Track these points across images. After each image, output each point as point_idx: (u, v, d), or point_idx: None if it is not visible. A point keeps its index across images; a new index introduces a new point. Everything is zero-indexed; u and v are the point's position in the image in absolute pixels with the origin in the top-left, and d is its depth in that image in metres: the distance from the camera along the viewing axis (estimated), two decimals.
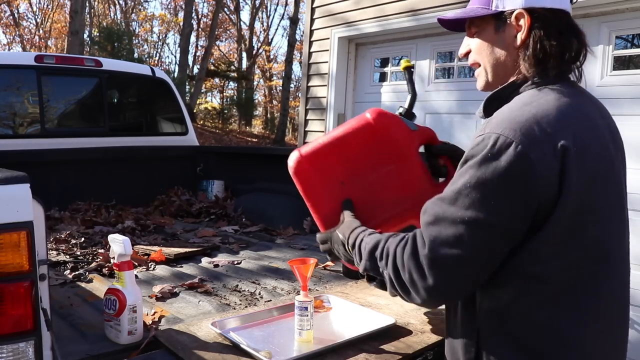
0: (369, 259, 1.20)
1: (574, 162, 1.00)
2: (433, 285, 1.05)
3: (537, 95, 1.10)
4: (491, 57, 1.21)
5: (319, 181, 1.46)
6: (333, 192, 1.46)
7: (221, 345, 1.45)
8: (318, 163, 1.46)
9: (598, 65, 3.44)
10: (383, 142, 1.44)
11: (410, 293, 1.10)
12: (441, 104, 4.46)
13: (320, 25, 5.30)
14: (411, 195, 1.44)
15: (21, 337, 1.20)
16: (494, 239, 1.02)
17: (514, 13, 1.15)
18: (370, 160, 1.45)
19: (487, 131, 1.04)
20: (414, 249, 1.08)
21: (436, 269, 1.05)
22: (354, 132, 1.44)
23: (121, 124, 4.37)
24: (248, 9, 29.13)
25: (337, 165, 1.45)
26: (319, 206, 1.48)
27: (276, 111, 26.94)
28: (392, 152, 1.44)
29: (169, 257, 2.45)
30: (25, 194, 1.19)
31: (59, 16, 26.02)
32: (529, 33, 1.14)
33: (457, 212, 1.03)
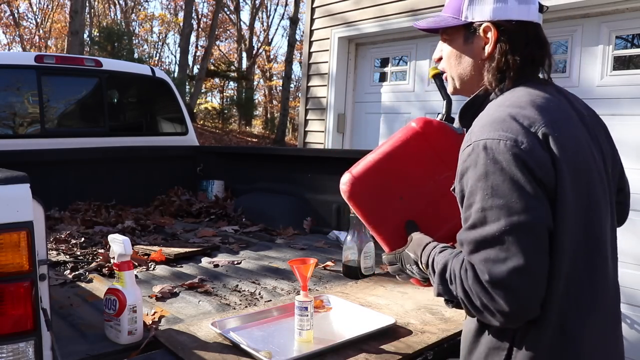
0: (440, 282, 1.14)
1: (559, 149, 1.03)
2: (506, 307, 1.01)
3: (508, 95, 1.14)
4: (458, 66, 1.25)
5: (376, 200, 1.41)
6: (393, 209, 1.40)
7: (221, 345, 1.45)
8: (372, 182, 1.40)
9: (598, 65, 3.44)
10: (434, 150, 1.41)
11: (487, 317, 1.06)
12: (441, 103, 4.45)
13: (320, 25, 5.30)
14: None
15: (21, 337, 1.20)
16: (537, 235, 1.01)
17: (482, 26, 1.17)
18: (424, 170, 1.42)
19: (474, 140, 1.06)
20: (474, 273, 1.04)
21: (501, 289, 1.00)
22: (403, 143, 1.41)
23: (121, 124, 4.37)
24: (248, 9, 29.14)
25: (392, 180, 1.41)
26: (381, 226, 1.41)
27: (276, 111, 26.93)
28: (445, 158, 1.40)
29: (169, 257, 2.45)
30: (25, 194, 1.19)
31: (59, 16, 26.02)
32: (495, 46, 1.17)
33: (492, 228, 1.01)
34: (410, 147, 1.41)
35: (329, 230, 3.01)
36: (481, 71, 1.20)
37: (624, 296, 3.57)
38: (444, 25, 1.23)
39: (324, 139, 5.22)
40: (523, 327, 1.07)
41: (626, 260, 3.10)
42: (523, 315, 1.04)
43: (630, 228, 3.18)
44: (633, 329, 3.17)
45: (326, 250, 2.69)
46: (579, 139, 1.09)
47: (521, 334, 1.08)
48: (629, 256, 3.06)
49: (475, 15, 1.18)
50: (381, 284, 2.07)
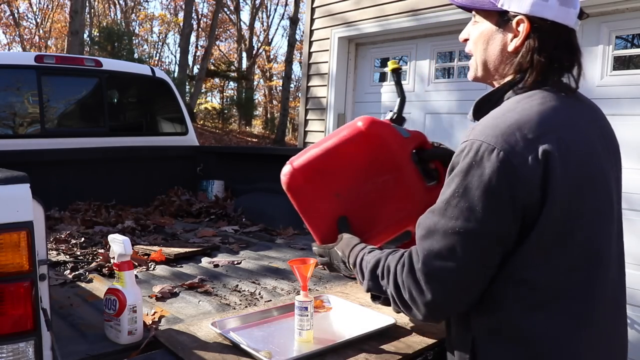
0: (371, 278, 1.21)
1: (558, 167, 1.00)
2: (431, 299, 1.06)
3: (521, 101, 1.11)
4: (484, 52, 1.21)
5: (313, 194, 1.42)
6: (328, 204, 1.42)
7: (221, 345, 1.45)
8: (311, 176, 1.41)
9: (598, 65, 3.44)
10: (377, 152, 1.41)
11: (412, 309, 1.11)
12: (441, 104, 4.46)
13: (320, 25, 5.30)
14: (407, 203, 1.42)
15: (21, 337, 1.20)
16: (485, 247, 1.03)
17: (516, 17, 1.14)
18: (364, 171, 1.42)
19: (471, 138, 1.06)
20: (410, 265, 1.09)
21: (432, 282, 1.06)
22: (347, 141, 1.40)
23: (121, 124, 4.37)
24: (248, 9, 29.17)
25: (331, 177, 1.41)
26: (315, 220, 1.45)
27: (276, 111, 26.94)
28: (386, 161, 1.41)
29: (169, 257, 2.45)
30: (25, 194, 1.19)
31: (59, 16, 26.03)
32: (523, 41, 1.13)
33: (447, 224, 1.04)
34: (352, 146, 1.40)
35: None
36: (504, 63, 1.18)
37: None
38: (478, 6, 1.19)
39: None
40: (481, 334, 1.09)
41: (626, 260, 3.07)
42: (445, 309, 1.12)
43: (630, 228, 3.18)
44: (633, 329, 3.17)
45: None
46: (587, 153, 1.07)
47: (481, 344, 1.09)
48: (629, 256, 3.04)
49: (512, 5, 1.14)
50: None
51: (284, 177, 1.43)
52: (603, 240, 1.09)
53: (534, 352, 1.05)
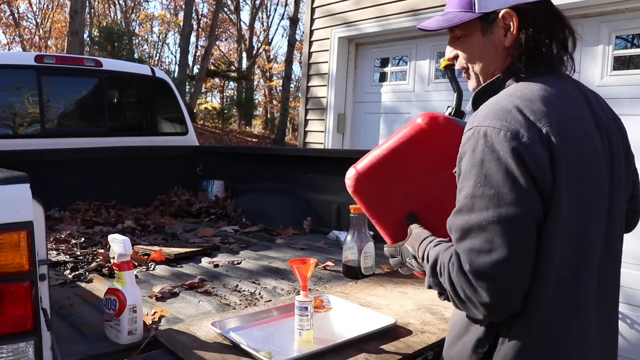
0: (431, 274, 1.14)
1: (561, 150, 1.01)
2: (488, 299, 1.00)
3: (522, 85, 1.11)
4: (482, 60, 1.20)
5: (380, 196, 1.41)
6: (397, 204, 1.41)
7: (221, 345, 1.45)
8: (376, 177, 1.41)
9: (598, 65, 3.44)
10: (439, 146, 1.39)
11: (471, 309, 1.06)
12: (441, 104, 4.46)
13: (320, 25, 5.30)
14: None
15: (21, 337, 1.20)
16: (523, 229, 1.00)
17: (500, 13, 1.13)
18: (429, 167, 1.41)
19: (475, 124, 1.05)
20: (459, 265, 1.04)
21: (483, 281, 1.00)
22: (408, 140, 1.40)
23: (121, 124, 4.37)
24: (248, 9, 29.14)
25: (396, 176, 1.41)
26: (384, 221, 1.42)
27: (276, 111, 26.92)
28: (450, 154, 1.36)
29: (169, 257, 2.45)
30: (25, 194, 1.19)
31: (59, 16, 26.02)
32: (518, 31, 1.13)
33: (479, 217, 1.01)
34: (414, 143, 1.39)
35: (329, 230, 3.01)
36: (505, 59, 1.17)
37: (623, 296, 3.55)
38: (458, 21, 1.18)
39: (324, 139, 5.22)
40: (508, 321, 1.07)
41: (626, 260, 3.08)
42: (504, 307, 1.04)
43: None
44: (633, 329, 3.17)
45: (326, 250, 2.69)
46: (583, 142, 1.07)
47: (506, 329, 1.08)
48: (629, 256, 3.06)
49: (489, 5, 1.14)
50: (381, 284, 2.07)
51: (349, 182, 1.41)
52: (592, 230, 1.09)
53: (534, 344, 1.06)
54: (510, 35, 1.14)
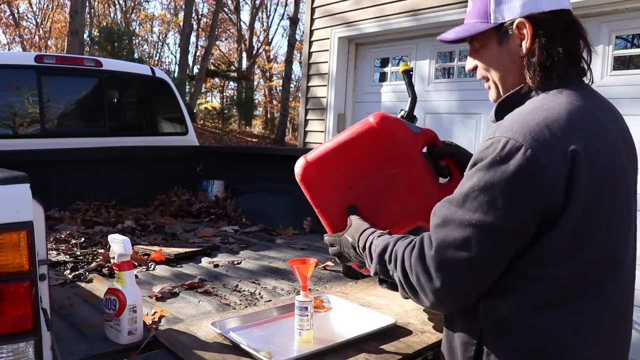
0: (378, 262, 1.20)
1: (584, 167, 1.00)
2: (440, 287, 1.06)
3: (549, 98, 1.09)
4: (499, 70, 1.20)
5: (326, 186, 1.47)
6: (341, 196, 1.46)
7: (221, 345, 1.45)
8: (324, 168, 1.47)
9: (598, 65, 3.44)
10: (387, 146, 1.46)
11: (419, 295, 1.11)
12: (441, 104, 4.46)
13: (320, 25, 5.30)
14: (417, 197, 1.46)
15: (21, 337, 1.20)
16: (501, 241, 1.02)
17: (514, 23, 1.13)
18: (375, 164, 1.46)
19: (497, 135, 1.04)
20: (421, 251, 1.08)
21: (443, 271, 1.05)
22: (358, 136, 1.46)
23: (121, 124, 4.36)
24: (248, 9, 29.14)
25: (343, 169, 1.47)
26: (327, 211, 1.48)
27: (276, 111, 26.92)
28: (397, 155, 1.46)
29: (169, 257, 2.45)
30: (25, 194, 1.19)
31: (59, 16, 26.02)
32: (533, 40, 1.12)
33: (464, 215, 1.03)
34: (363, 140, 1.46)
35: None
36: (522, 69, 1.16)
37: None
38: (474, 32, 1.18)
39: (324, 139, 5.22)
40: (489, 326, 1.09)
41: None
42: (453, 299, 1.10)
43: None
44: (633, 329, 3.17)
45: (326, 250, 2.68)
46: (611, 156, 1.07)
47: (488, 335, 1.10)
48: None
49: (505, 15, 1.14)
50: None
51: (298, 169, 1.49)
52: (620, 244, 1.09)
53: (539, 347, 1.05)
54: (526, 44, 1.13)
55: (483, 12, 1.17)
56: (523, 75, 1.16)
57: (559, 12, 1.13)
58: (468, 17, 1.22)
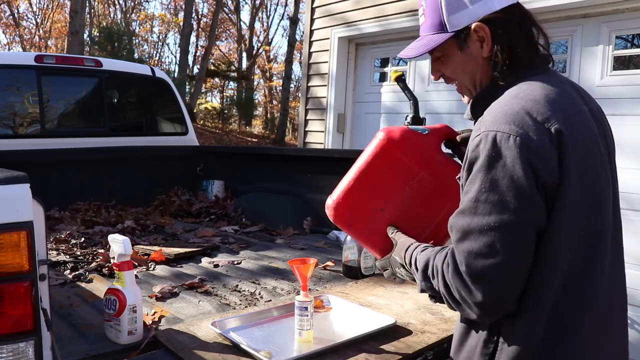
0: (423, 278, 1.18)
1: (570, 146, 1.03)
2: (483, 299, 1.03)
3: (522, 87, 1.13)
4: (466, 74, 1.23)
5: (360, 219, 1.47)
6: (378, 221, 1.46)
7: (221, 345, 1.45)
8: (352, 203, 1.47)
9: (598, 65, 3.44)
10: (402, 157, 1.45)
11: (465, 309, 1.08)
12: (441, 104, 4.46)
13: (320, 25, 5.30)
14: (449, 194, 1.44)
15: (21, 337, 1.20)
16: (523, 236, 1.02)
17: (471, 28, 1.17)
18: (398, 179, 1.46)
19: (483, 130, 1.05)
20: (455, 267, 1.06)
21: (479, 283, 1.03)
22: (373, 159, 1.46)
23: (121, 124, 4.36)
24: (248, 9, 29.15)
25: (370, 196, 1.47)
26: (370, 239, 1.48)
27: (276, 111, 26.91)
28: (414, 162, 1.45)
29: (169, 257, 2.45)
30: (25, 194, 1.19)
31: (59, 16, 26.02)
32: (492, 41, 1.16)
33: (481, 221, 1.02)
34: (378, 162, 1.45)
35: (329, 230, 3.01)
36: (489, 68, 1.20)
37: None
38: (434, 45, 1.21)
39: (324, 139, 5.22)
40: (509, 321, 1.08)
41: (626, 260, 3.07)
42: (498, 308, 1.06)
43: (630, 228, 3.18)
44: (633, 329, 3.17)
45: (326, 250, 2.69)
46: (588, 137, 1.09)
47: (507, 329, 1.09)
48: (629, 256, 3.04)
49: (460, 22, 1.18)
50: (381, 284, 2.07)
51: (329, 212, 1.48)
52: (604, 221, 1.11)
53: (548, 332, 1.07)
54: (487, 45, 1.17)
55: (437, 23, 1.21)
56: (490, 74, 1.20)
57: (510, 8, 1.17)
58: (423, 30, 1.26)
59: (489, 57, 1.18)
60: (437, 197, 1.46)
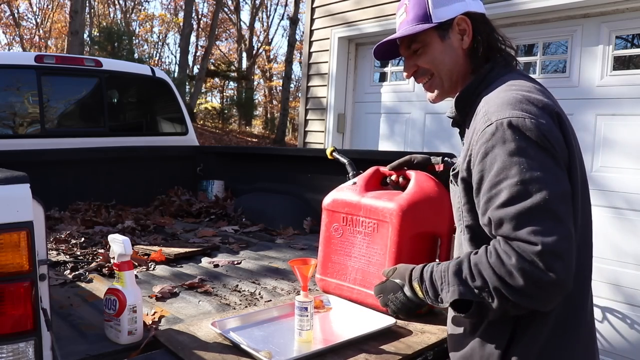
0: (459, 282, 1.10)
1: (567, 128, 1.11)
2: (557, 277, 0.99)
3: (508, 81, 1.19)
4: (445, 64, 1.29)
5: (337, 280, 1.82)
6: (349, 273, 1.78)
7: (221, 345, 1.45)
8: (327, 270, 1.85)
9: (598, 65, 3.44)
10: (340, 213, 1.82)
11: (530, 298, 1.02)
12: (441, 104, 4.44)
13: (320, 25, 5.30)
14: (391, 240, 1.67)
15: (21, 337, 1.20)
16: (569, 203, 1.05)
17: (454, 20, 1.25)
18: (355, 248, 1.76)
19: (495, 119, 1.08)
20: (519, 253, 1.01)
21: (553, 260, 0.99)
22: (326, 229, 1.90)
23: (121, 124, 4.37)
24: (248, 9, 29.18)
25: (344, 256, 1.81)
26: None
27: (276, 111, 26.92)
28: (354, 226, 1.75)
29: (169, 257, 2.45)
30: (25, 194, 1.19)
31: (59, 16, 26.02)
32: (473, 34, 1.26)
33: (536, 199, 1.02)
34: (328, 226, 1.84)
35: None
36: (466, 62, 1.28)
37: (624, 296, 3.55)
38: (420, 29, 1.27)
39: (324, 139, 5.22)
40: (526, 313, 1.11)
41: (626, 260, 3.09)
42: (568, 286, 1.02)
43: (630, 228, 3.18)
44: (633, 329, 3.17)
45: None
46: (569, 124, 1.16)
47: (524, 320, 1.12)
48: (629, 256, 3.05)
49: (445, 15, 1.26)
50: None
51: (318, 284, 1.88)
52: (589, 205, 1.19)
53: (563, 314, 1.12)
54: (467, 38, 1.26)
55: (422, 15, 1.28)
56: (466, 67, 1.28)
57: (482, 14, 1.30)
58: (405, 24, 1.31)
59: (468, 49, 1.26)
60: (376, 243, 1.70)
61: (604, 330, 3.22)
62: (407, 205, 1.62)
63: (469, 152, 1.14)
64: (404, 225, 1.61)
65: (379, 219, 1.67)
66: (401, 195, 1.66)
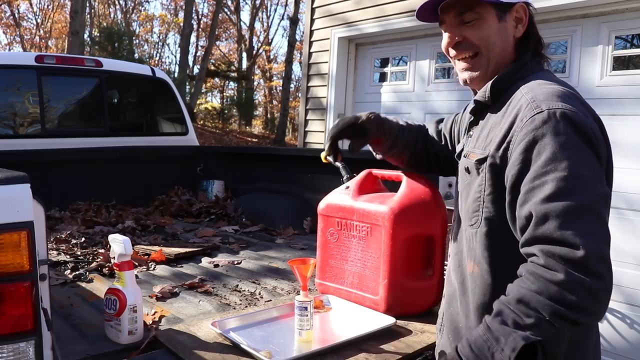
0: (513, 331, 0.92)
1: (606, 134, 1.10)
2: (605, 285, 0.91)
3: (547, 76, 1.18)
4: (496, 44, 1.22)
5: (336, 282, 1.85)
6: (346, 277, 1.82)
7: (221, 345, 1.45)
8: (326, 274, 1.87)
9: (598, 65, 3.44)
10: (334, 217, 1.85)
11: (588, 309, 0.91)
12: (441, 104, 4.46)
13: (320, 25, 5.30)
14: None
15: (21, 337, 1.20)
16: (609, 204, 1.04)
17: (515, 6, 1.21)
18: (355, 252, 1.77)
19: (546, 107, 1.04)
20: (562, 265, 0.91)
21: (600, 263, 0.92)
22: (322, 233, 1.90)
23: (121, 124, 4.37)
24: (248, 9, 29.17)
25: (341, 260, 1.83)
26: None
27: (276, 111, 26.91)
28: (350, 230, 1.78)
29: (169, 257, 2.45)
30: (26, 194, 1.19)
31: (59, 16, 26.02)
32: (528, 24, 1.23)
33: (587, 197, 0.95)
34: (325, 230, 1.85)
35: None
36: (511, 50, 1.24)
37: (624, 296, 3.54)
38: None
39: (324, 139, 5.22)
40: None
41: (626, 260, 3.09)
42: (612, 289, 0.95)
43: (630, 228, 3.18)
44: (633, 329, 3.17)
45: None
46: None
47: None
48: (629, 256, 3.06)
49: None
50: None
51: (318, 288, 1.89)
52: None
53: None
54: (522, 27, 1.23)
55: None
56: (512, 56, 1.24)
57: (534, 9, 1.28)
58: None
59: (519, 39, 1.23)
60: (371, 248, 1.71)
61: (604, 330, 3.21)
62: (398, 208, 1.64)
63: (509, 139, 1.07)
64: (396, 229, 1.62)
65: (372, 223, 1.68)
66: (393, 198, 1.67)
